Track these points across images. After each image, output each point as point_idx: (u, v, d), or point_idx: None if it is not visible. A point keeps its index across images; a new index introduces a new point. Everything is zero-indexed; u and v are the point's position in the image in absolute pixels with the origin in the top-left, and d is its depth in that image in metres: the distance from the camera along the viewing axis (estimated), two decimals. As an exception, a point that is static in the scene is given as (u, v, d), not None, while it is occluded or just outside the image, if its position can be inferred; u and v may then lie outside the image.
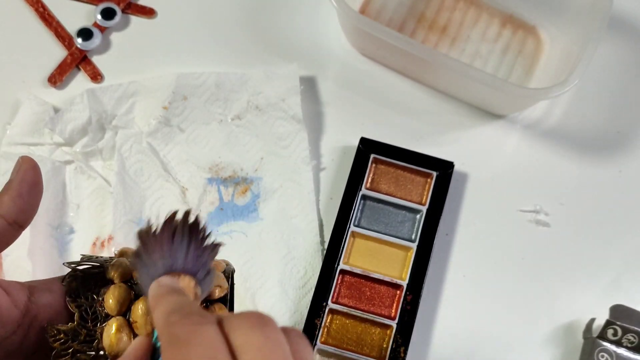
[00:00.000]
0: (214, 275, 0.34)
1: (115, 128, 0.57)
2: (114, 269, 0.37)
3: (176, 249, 0.32)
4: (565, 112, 0.61)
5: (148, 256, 0.32)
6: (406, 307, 0.53)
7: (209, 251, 0.34)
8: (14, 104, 0.58)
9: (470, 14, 0.63)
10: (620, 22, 0.63)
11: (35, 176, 0.37)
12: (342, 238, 0.54)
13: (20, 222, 0.36)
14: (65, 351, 0.35)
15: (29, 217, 0.37)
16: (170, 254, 0.32)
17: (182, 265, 0.32)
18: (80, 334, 0.35)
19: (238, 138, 0.58)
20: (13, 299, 0.35)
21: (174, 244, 0.32)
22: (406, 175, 0.57)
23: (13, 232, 0.36)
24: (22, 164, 0.37)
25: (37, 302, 0.36)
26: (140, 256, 0.33)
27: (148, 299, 0.31)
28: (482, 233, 0.57)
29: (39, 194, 0.37)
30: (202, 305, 0.35)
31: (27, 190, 0.36)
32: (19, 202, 0.36)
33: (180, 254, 0.32)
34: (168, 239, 0.32)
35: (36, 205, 0.37)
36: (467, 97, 0.60)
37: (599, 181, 0.59)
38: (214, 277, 0.34)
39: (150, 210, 0.55)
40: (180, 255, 0.32)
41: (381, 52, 0.60)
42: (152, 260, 0.32)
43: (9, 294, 0.35)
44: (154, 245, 0.32)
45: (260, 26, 0.62)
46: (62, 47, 0.60)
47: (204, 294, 0.33)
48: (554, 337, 0.54)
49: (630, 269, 0.56)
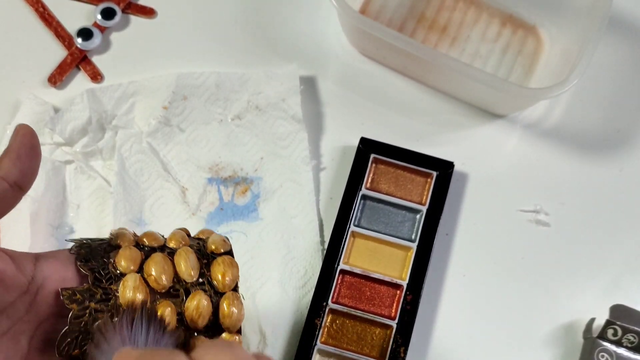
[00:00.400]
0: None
1: (115, 128, 0.57)
2: (119, 237, 0.38)
3: (136, 334, 0.33)
4: (565, 112, 0.61)
5: (108, 344, 0.33)
6: (406, 307, 0.53)
7: (168, 336, 0.34)
8: (14, 104, 0.58)
9: (470, 14, 0.63)
10: (620, 22, 0.63)
11: (32, 140, 0.37)
12: (342, 238, 0.54)
13: (20, 184, 0.36)
14: (82, 311, 0.35)
15: (30, 180, 0.37)
16: (129, 338, 0.33)
17: (143, 347, 0.33)
18: (96, 294, 0.35)
19: (238, 138, 0.58)
20: (18, 265, 0.35)
21: (133, 330, 0.33)
22: (406, 175, 0.57)
23: (14, 194, 0.36)
24: (19, 130, 0.37)
25: (43, 269, 0.36)
26: (100, 346, 0.33)
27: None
28: (482, 233, 0.57)
29: (38, 157, 0.37)
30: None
31: (26, 152, 0.37)
32: (19, 164, 0.36)
33: (140, 338, 0.33)
34: (127, 326, 0.33)
35: (36, 168, 0.37)
36: (467, 97, 0.60)
37: (599, 181, 0.59)
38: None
39: (150, 210, 0.55)
40: (141, 339, 0.33)
41: (381, 52, 0.60)
42: (112, 347, 0.33)
43: (14, 259, 0.35)
44: (113, 333, 0.33)
45: (260, 26, 0.62)
46: (62, 47, 0.60)
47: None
48: (554, 337, 0.54)
49: (630, 269, 0.56)
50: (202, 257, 0.38)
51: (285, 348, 0.52)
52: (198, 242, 0.40)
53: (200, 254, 0.38)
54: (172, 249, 0.38)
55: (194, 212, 0.56)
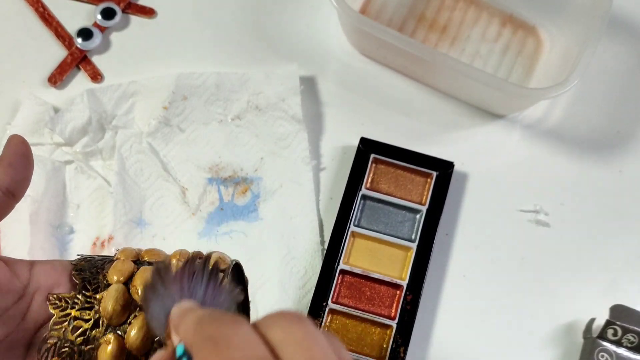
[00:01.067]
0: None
1: (115, 128, 0.57)
2: (121, 252, 0.38)
3: (195, 286, 0.32)
4: (565, 112, 0.61)
5: (165, 288, 0.32)
6: (406, 307, 0.53)
7: (227, 294, 0.33)
8: (14, 104, 0.58)
9: (470, 14, 0.63)
10: (620, 22, 0.63)
11: (25, 149, 0.37)
12: (342, 238, 0.54)
13: (13, 191, 0.37)
14: (64, 317, 0.35)
15: (22, 188, 0.37)
16: (188, 290, 0.32)
17: (201, 302, 0.32)
18: (79, 302, 0.35)
19: (238, 138, 0.58)
20: (13, 270, 0.35)
21: (193, 281, 0.32)
22: (406, 175, 0.57)
23: (8, 202, 0.37)
24: (12, 140, 0.38)
25: (38, 275, 0.36)
26: (156, 288, 0.32)
27: (170, 320, 0.30)
28: (482, 233, 0.57)
29: (30, 165, 0.38)
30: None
31: (18, 160, 0.37)
32: (11, 172, 0.36)
33: (199, 292, 0.32)
34: (188, 277, 0.32)
35: (28, 175, 0.38)
36: (467, 97, 0.60)
37: (599, 181, 0.59)
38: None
39: (150, 210, 0.55)
40: (199, 293, 0.32)
41: (381, 52, 0.60)
42: (170, 293, 0.32)
43: (10, 265, 0.35)
44: (172, 280, 0.32)
45: (260, 26, 0.62)
46: (62, 47, 0.60)
47: None
48: (554, 337, 0.54)
49: (630, 269, 0.56)
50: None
51: (285, 348, 0.52)
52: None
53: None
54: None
55: (194, 212, 0.56)
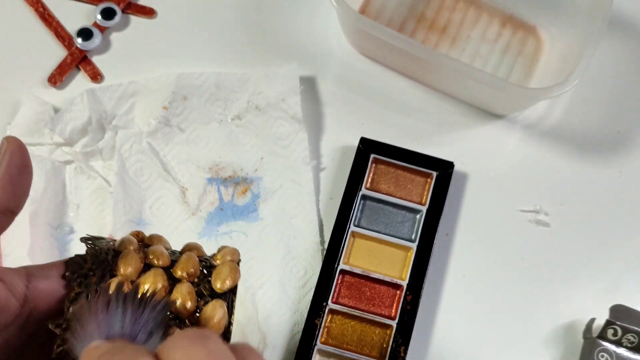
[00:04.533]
0: (160, 334, 0.33)
1: (115, 128, 0.57)
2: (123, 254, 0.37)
3: (111, 318, 0.31)
4: (565, 112, 0.61)
5: (83, 329, 0.31)
6: (406, 307, 0.53)
7: (150, 311, 0.32)
8: (14, 104, 0.58)
9: (470, 14, 0.63)
10: (620, 22, 0.63)
11: (23, 158, 0.34)
12: (342, 238, 0.54)
13: (12, 208, 0.34)
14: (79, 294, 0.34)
15: (21, 202, 0.35)
16: (105, 323, 0.31)
17: (119, 332, 0.31)
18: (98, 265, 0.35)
19: (238, 138, 0.58)
20: (10, 288, 0.33)
21: (109, 313, 0.31)
22: (406, 175, 0.57)
23: (5, 220, 0.35)
24: (7, 147, 0.34)
25: (35, 289, 0.34)
26: (75, 332, 0.31)
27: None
28: (482, 233, 0.57)
29: (29, 177, 0.35)
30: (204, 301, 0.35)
31: (16, 173, 0.34)
32: (9, 189, 0.34)
33: (116, 322, 0.31)
34: (102, 309, 0.31)
35: (27, 188, 0.35)
36: (467, 97, 0.60)
37: (599, 181, 0.59)
38: (159, 336, 0.32)
39: (150, 210, 0.55)
40: (117, 324, 0.31)
41: (381, 52, 0.60)
42: (88, 332, 0.31)
43: (6, 282, 0.33)
44: (88, 317, 0.31)
45: (260, 26, 0.62)
46: (62, 47, 0.60)
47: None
48: (554, 337, 0.54)
49: (630, 269, 0.56)
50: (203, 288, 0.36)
51: (286, 348, 0.52)
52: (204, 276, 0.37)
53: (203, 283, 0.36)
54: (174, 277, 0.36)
55: (194, 212, 0.56)
